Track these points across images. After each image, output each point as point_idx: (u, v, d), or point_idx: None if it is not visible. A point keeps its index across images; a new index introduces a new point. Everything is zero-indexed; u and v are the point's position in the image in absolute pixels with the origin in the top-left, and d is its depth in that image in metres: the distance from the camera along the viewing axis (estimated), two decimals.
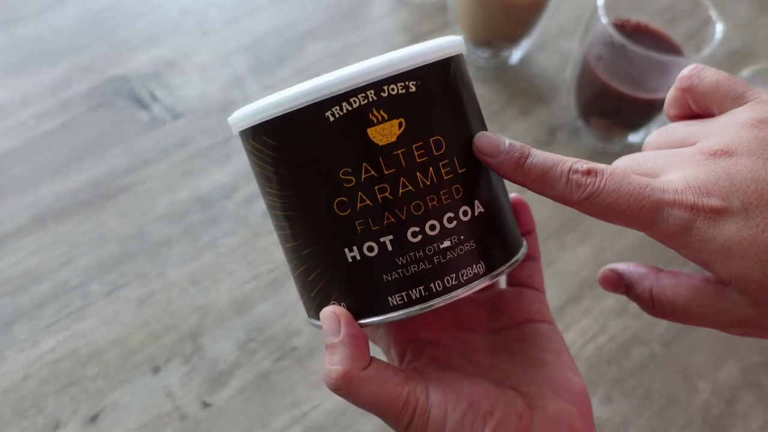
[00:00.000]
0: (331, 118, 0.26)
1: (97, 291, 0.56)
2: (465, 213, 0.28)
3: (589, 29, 0.59)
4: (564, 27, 0.75)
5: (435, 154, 0.28)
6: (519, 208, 0.35)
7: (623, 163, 0.31)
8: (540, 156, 0.28)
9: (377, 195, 0.27)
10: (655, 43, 0.58)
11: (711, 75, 0.30)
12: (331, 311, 0.29)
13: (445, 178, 0.28)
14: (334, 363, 0.28)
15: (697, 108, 0.31)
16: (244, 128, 0.29)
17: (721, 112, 0.30)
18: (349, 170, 0.27)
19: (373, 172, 0.27)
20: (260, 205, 0.61)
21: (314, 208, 0.28)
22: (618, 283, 0.32)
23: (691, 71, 0.30)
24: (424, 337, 0.34)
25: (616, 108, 0.62)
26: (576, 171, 0.27)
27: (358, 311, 0.29)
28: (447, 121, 0.28)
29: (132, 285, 0.56)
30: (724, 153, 0.27)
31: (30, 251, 0.58)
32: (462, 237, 0.28)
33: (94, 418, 0.50)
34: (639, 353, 0.55)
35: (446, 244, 0.28)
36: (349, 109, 0.26)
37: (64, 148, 0.64)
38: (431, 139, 0.28)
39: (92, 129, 0.65)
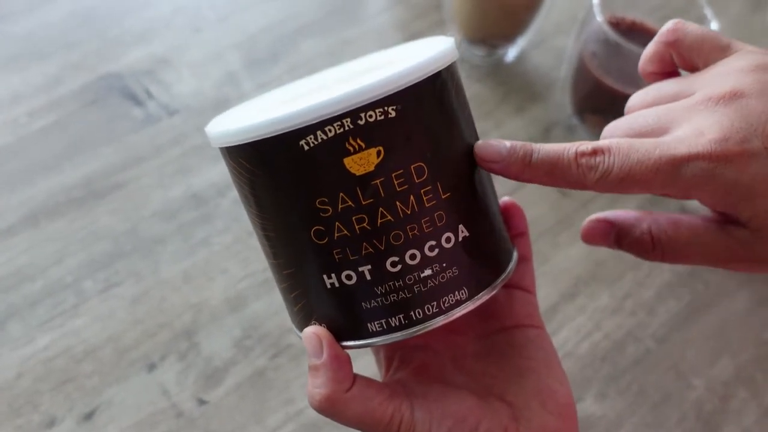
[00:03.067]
0: (306, 147, 0.25)
1: (90, 288, 0.55)
2: (448, 240, 0.27)
3: (584, 27, 0.59)
4: (559, 25, 0.75)
5: (416, 181, 0.26)
6: (512, 211, 0.34)
7: (619, 127, 0.30)
8: (543, 150, 0.28)
9: (355, 225, 0.26)
10: (650, 41, 0.58)
11: (695, 28, 0.30)
12: (313, 332, 0.28)
13: (427, 205, 0.27)
14: (316, 386, 0.28)
15: (682, 62, 0.30)
16: (220, 146, 0.28)
17: (706, 65, 0.29)
18: (326, 200, 0.26)
19: (350, 203, 0.26)
20: None
21: (292, 234, 0.27)
22: (607, 233, 0.31)
23: (676, 25, 0.30)
24: (414, 341, 0.34)
25: (610, 105, 0.62)
26: (583, 154, 0.27)
27: (339, 333, 0.28)
28: (430, 144, 0.27)
29: (126, 283, 0.56)
30: (733, 95, 0.26)
31: (22, 249, 0.57)
32: (444, 264, 0.27)
33: (89, 416, 0.50)
34: (633, 350, 0.56)
35: (427, 272, 0.27)
36: (324, 138, 0.25)
37: (56, 146, 0.63)
38: (412, 167, 0.26)
39: (85, 126, 0.65)
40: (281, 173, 0.26)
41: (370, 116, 0.25)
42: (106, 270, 0.56)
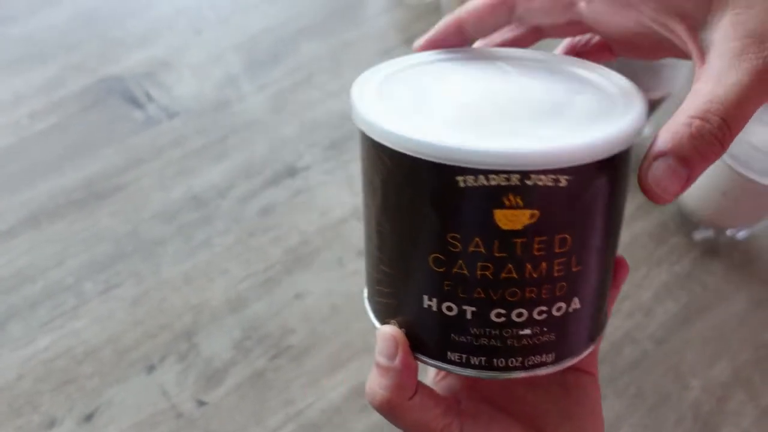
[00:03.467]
0: (461, 185, 0.23)
1: (91, 290, 0.56)
2: (559, 309, 0.26)
3: None
4: None
5: (555, 251, 0.25)
6: (618, 266, 0.32)
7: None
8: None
9: (477, 270, 0.25)
10: None
11: None
12: (391, 335, 0.28)
13: (555, 275, 0.25)
14: (382, 387, 0.28)
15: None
16: (366, 134, 0.26)
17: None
18: (459, 237, 0.25)
19: (482, 249, 0.25)
20: (255, 204, 0.61)
21: (409, 247, 0.26)
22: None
23: None
24: None
25: None
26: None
27: (415, 343, 0.28)
28: (584, 219, 0.25)
29: (126, 284, 0.56)
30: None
31: (23, 250, 0.57)
32: (545, 329, 0.26)
33: (89, 417, 0.50)
34: (631, 352, 0.56)
35: (526, 332, 0.26)
36: (485, 184, 0.23)
37: (57, 147, 0.64)
38: (558, 237, 0.25)
39: (86, 128, 0.65)
40: (424, 195, 0.24)
41: (540, 180, 0.23)
42: (107, 271, 0.57)
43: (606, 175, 0.25)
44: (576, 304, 0.27)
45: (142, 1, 0.75)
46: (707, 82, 0.24)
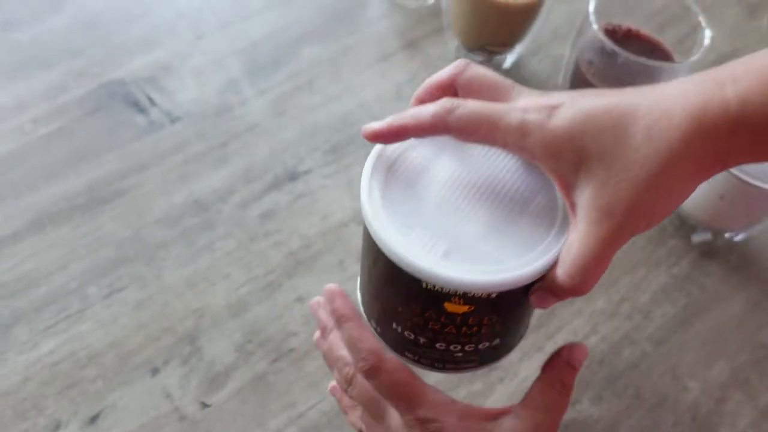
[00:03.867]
0: (424, 286, 0.33)
1: (94, 294, 0.56)
2: (483, 345, 0.37)
3: (580, 34, 0.60)
4: (556, 31, 0.76)
5: (485, 323, 0.35)
6: (578, 349, 0.40)
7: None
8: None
9: (429, 324, 0.35)
10: (645, 49, 0.59)
11: (476, 71, 0.37)
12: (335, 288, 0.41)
13: (483, 332, 0.36)
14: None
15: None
16: (366, 227, 0.34)
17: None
18: (419, 307, 0.35)
19: (433, 316, 0.35)
20: (256, 209, 0.62)
21: (387, 294, 0.37)
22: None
23: (459, 64, 0.37)
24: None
25: None
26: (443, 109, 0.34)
27: (385, 338, 0.40)
28: (507, 311, 0.35)
29: (129, 288, 0.57)
30: (558, 104, 0.32)
31: (27, 255, 0.58)
32: (471, 355, 0.37)
33: (93, 419, 0.51)
34: (630, 353, 0.56)
35: (458, 355, 0.37)
36: (440, 290, 0.33)
37: (60, 152, 0.64)
38: (487, 318, 0.34)
39: (89, 133, 0.66)
40: (401, 281, 0.34)
41: (478, 294, 0.33)
42: (110, 276, 0.57)
43: (527, 287, 0.33)
44: (497, 341, 0.37)
45: (144, 6, 0.76)
46: (575, 239, 0.31)
